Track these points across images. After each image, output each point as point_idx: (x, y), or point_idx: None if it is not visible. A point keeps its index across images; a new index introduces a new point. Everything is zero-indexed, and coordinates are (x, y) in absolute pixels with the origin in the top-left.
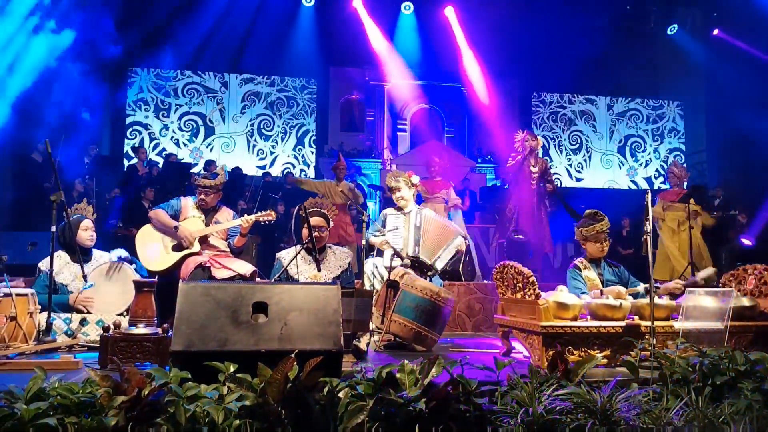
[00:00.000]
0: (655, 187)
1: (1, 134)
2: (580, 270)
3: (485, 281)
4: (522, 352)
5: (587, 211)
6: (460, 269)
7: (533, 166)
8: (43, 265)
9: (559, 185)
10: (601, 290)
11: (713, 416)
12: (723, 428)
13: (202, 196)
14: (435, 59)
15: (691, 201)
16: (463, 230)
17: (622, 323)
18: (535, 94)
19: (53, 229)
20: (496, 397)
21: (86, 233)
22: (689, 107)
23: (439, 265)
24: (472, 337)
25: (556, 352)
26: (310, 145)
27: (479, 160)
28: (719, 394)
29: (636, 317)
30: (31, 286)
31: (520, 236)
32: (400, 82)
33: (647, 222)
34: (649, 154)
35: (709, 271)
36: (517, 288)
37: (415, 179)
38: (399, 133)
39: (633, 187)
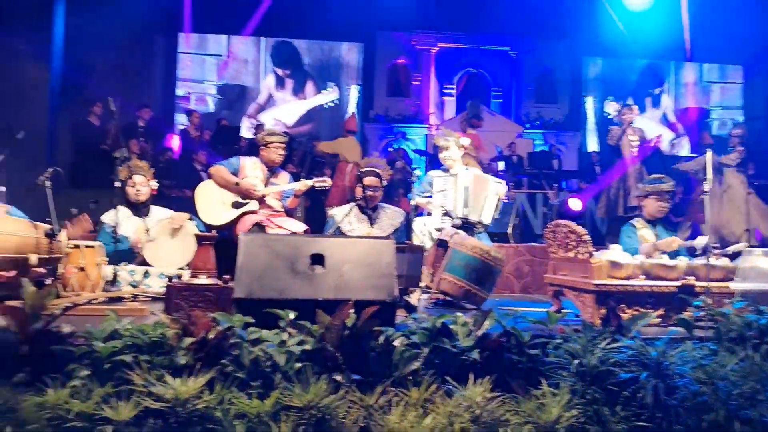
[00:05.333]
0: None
1: (58, 101)
2: (636, 228)
3: (534, 244)
4: (573, 311)
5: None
6: (509, 231)
7: (631, 135)
8: (105, 218)
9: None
10: (654, 244)
11: None
12: None
13: (280, 152)
14: (484, 22)
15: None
16: None
17: (677, 283)
18: (586, 58)
19: (118, 183)
20: (548, 349)
21: (133, 189)
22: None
23: (486, 219)
24: (521, 299)
25: (610, 308)
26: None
27: (527, 125)
28: None
29: (691, 278)
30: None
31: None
32: (447, 46)
33: (706, 182)
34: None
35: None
36: (570, 247)
37: (465, 141)
38: (445, 98)
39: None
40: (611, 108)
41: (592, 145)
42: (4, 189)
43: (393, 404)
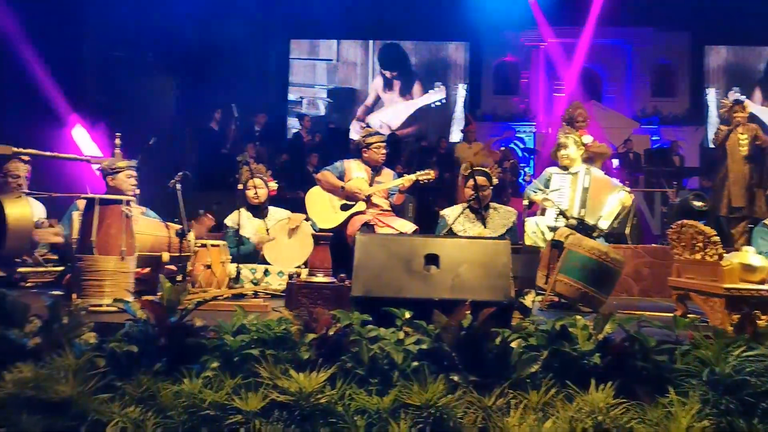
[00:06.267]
0: None
1: (182, 109)
2: None
3: (654, 245)
4: (702, 317)
5: None
6: (627, 232)
7: (741, 134)
8: (228, 221)
9: None
10: None
11: None
12: None
13: (382, 151)
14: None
15: None
16: None
17: None
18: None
19: (240, 186)
20: (675, 356)
21: (251, 192)
22: None
23: (604, 225)
24: (640, 301)
25: (746, 314)
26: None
27: (643, 121)
28: None
29: None
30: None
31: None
32: (557, 42)
33: None
34: None
35: None
36: (697, 248)
37: (587, 139)
38: (555, 95)
39: None
40: (731, 96)
41: None
42: (138, 191)
43: (511, 406)
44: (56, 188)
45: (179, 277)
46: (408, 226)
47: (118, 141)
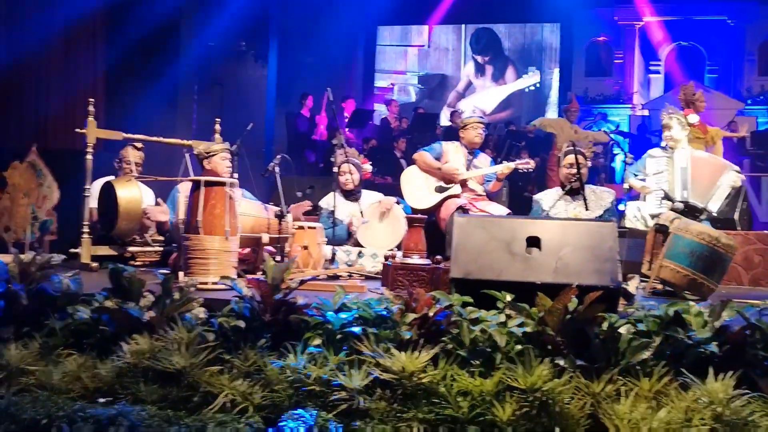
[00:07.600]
0: None
1: (275, 96)
2: None
3: (766, 231)
4: None
5: None
6: (736, 217)
7: None
8: (323, 203)
9: None
10: None
11: None
12: None
13: (479, 131)
14: None
15: None
16: None
17: None
18: None
19: (335, 169)
20: None
21: (342, 177)
22: None
23: (713, 207)
24: (751, 291)
25: None
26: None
27: (749, 101)
28: None
29: None
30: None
31: None
32: (653, 19)
33: None
34: None
35: None
36: None
37: (693, 119)
38: (651, 75)
39: None
40: None
41: None
42: (236, 174)
43: (621, 394)
44: (158, 172)
45: (278, 258)
46: (501, 211)
47: (218, 126)
